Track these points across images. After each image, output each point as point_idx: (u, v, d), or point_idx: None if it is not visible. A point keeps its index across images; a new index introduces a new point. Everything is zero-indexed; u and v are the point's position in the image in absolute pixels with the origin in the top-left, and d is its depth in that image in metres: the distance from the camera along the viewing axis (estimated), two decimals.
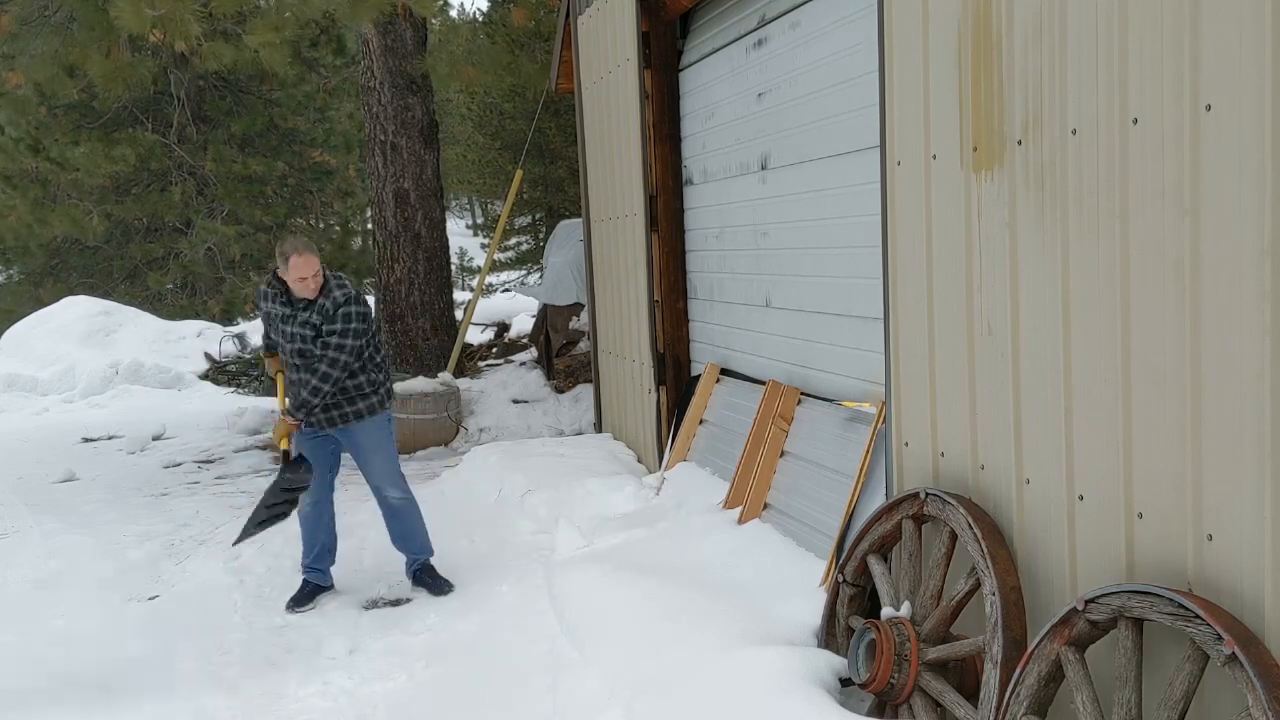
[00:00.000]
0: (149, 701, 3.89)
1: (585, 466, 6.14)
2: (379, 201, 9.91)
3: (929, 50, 3.27)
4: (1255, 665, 2.12)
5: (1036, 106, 2.82)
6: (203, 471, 7.97)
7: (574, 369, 9.26)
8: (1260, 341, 2.21)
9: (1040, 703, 2.64)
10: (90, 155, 13.51)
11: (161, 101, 14.97)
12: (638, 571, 4.38)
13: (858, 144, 4.09)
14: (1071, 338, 2.75)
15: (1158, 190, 2.44)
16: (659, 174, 6.07)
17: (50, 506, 6.93)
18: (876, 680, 3.12)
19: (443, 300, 10.16)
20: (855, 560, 3.56)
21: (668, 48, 6.03)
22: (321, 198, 17.65)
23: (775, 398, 4.87)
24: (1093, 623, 2.53)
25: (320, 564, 4.91)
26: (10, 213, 13.37)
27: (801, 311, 4.74)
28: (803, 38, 4.57)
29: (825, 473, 4.38)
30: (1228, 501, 2.32)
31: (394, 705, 3.82)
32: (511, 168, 13.68)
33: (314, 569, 4.90)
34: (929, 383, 3.40)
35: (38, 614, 4.88)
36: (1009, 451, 3.03)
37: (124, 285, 16.80)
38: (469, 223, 30.37)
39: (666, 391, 6.21)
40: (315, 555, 4.88)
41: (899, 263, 3.53)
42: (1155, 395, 2.49)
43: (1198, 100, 2.31)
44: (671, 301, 6.18)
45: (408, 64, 9.64)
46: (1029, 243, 2.88)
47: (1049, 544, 2.90)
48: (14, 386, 11.81)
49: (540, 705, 3.70)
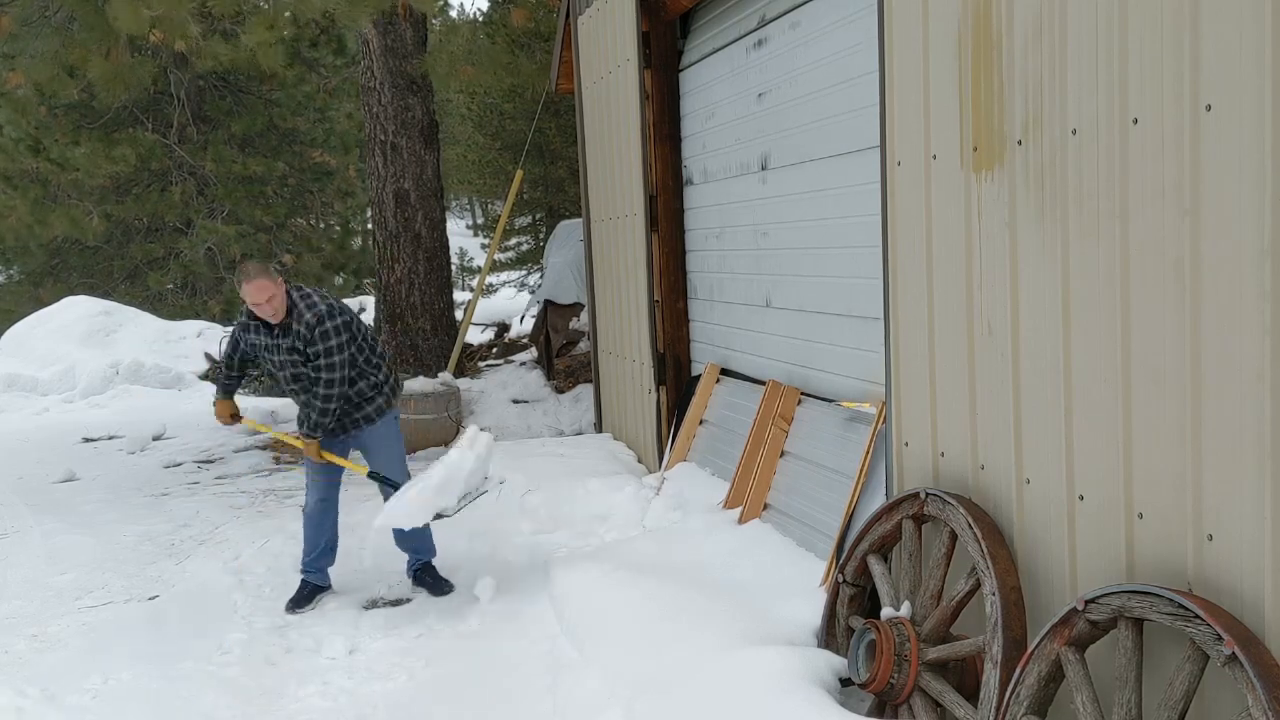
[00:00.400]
0: (149, 701, 3.89)
1: (585, 466, 6.14)
2: (379, 201, 9.91)
3: (929, 50, 3.27)
4: (1255, 665, 2.12)
5: (1037, 106, 2.82)
6: (203, 471, 7.97)
7: (574, 369, 9.26)
8: (1260, 341, 2.21)
9: (1040, 703, 2.64)
10: (90, 155, 13.51)
11: (161, 101, 14.97)
12: (637, 571, 4.38)
13: (858, 144, 4.09)
14: (1071, 338, 2.75)
15: (1158, 190, 2.44)
16: (659, 174, 6.07)
17: (50, 506, 6.93)
18: (876, 680, 3.12)
19: (443, 300, 10.16)
20: (855, 560, 3.56)
21: (668, 48, 6.03)
22: (321, 198, 17.65)
23: (775, 398, 4.87)
24: (1093, 623, 2.53)
25: (320, 564, 4.87)
26: (10, 213, 13.37)
27: (802, 311, 4.74)
28: (803, 38, 4.57)
29: (825, 473, 4.38)
30: (1228, 501, 2.32)
31: (394, 705, 3.82)
32: (511, 168, 13.68)
33: (313, 569, 4.86)
34: (929, 383, 3.40)
35: (38, 614, 4.88)
36: (1009, 451, 3.03)
37: (124, 285, 16.80)
38: (469, 223, 30.37)
39: (666, 391, 6.21)
40: (317, 555, 4.85)
41: (899, 263, 3.53)
42: (1155, 395, 2.49)
43: (1198, 100, 2.31)
44: (671, 301, 6.18)
45: (408, 64, 9.63)
46: (1029, 243, 2.88)
47: (1049, 544, 2.90)
48: (14, 386, 11.81)
49: (540, 704, 3.70)
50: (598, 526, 5.44)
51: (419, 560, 4.94)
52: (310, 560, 4.86)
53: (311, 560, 4.86)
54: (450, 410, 8.46)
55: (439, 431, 8.32)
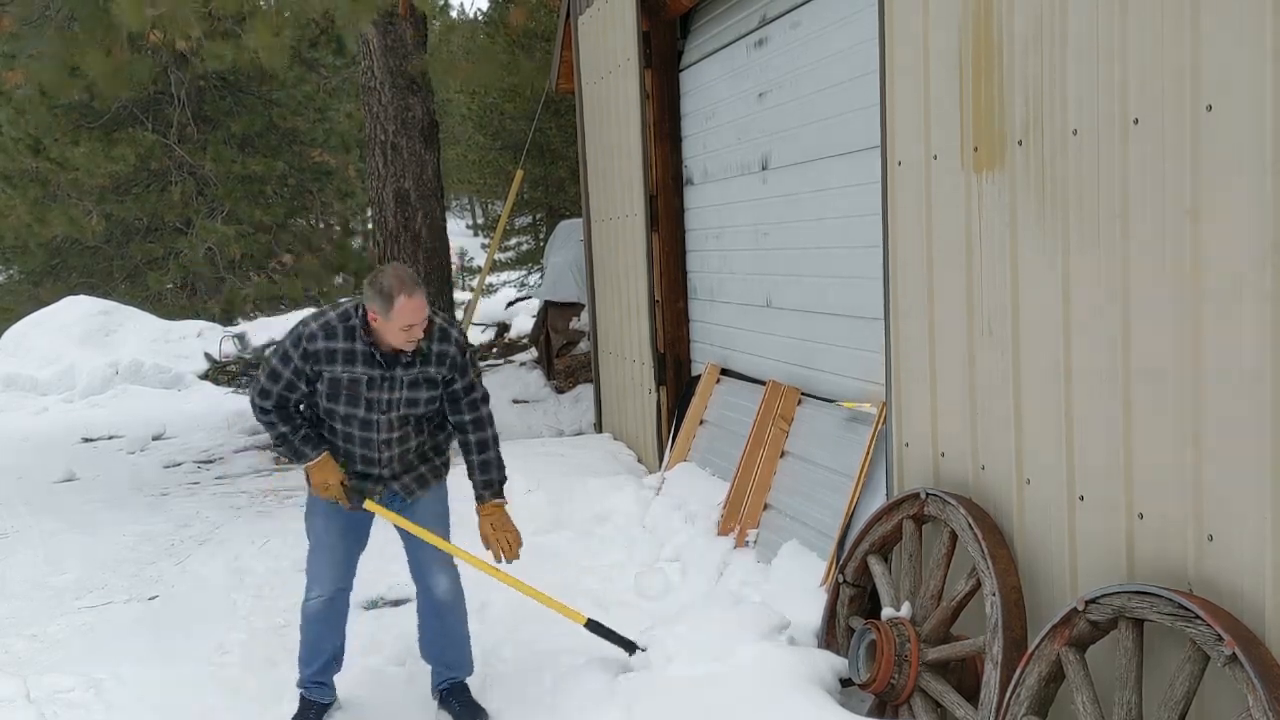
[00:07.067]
0: (149, 701, 3.89)
1: (585, 467, 6.14)
2: (379, 201, 9.90)
3: (929, 50, 3.27)
4: (1256, 666, 2.12)
5: (1037, 107, 2.82)
6: (203, 471, 7.97)
7: (574, 369, 9.25)
8: (1260, 341, 2.21)
9: (1040, 703, 2.64)
10: (90, 155, 13.52)
11: (161, 101, 14.97)
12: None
13: (858, 144, 4.09)
14: (1072, 338, 2.75)
15: (1158, 190, 2.44)
16: (659, 174, 6.07)
17: (50, 506, 6.93)
18: (877, 681, 3.12)
19: (443, 300, 10.15)
20: (856, 560, 3.56)
21: (668, 47, 6.02)
22: (321, 198, 17.63)
23: (776, 398, 4.87)
24: (1093, 623, 2.53)
25: (324, 676, 3.71)
26: (10, 213, 13.39)
27: (802, 311, 4.74)
28: (803, 37, 4.57)
29: (825, 473, 4.38)
30: (1228, 502, 2.32)
31: (394, 705, 3.82)
32: (511, 168, 13.66)
33: (317, 683, 3.70)
34: (929, 383, 3.40)
35: (38, 614, 4.87)
36: (1009, 452, 3.03)
37: (124, 285, 16.79)
38: (469, 223, 30.34)
39: (667, 391, 6.21)
40: (320, 666, 3.68)
41: (899, 263, 3.53)
42: (1155, 395, 2.49)
43: (1198, 100, 2.31)
44: (672, 301, 6.18)
45: (408, 64, 9.63)
46: (1029, 243, 2.88)
47: (1049, 544, 2.90)
48: (14, 386, 11.81)
49: (540, 706, 3.70)
50: (598, 527, 5.44)
51: (450, 679, 3.77)
52: (312, 674, 3.68)
53: (314, 673, 3.68)
54: None
55: None
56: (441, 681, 3.78)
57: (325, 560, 3.61)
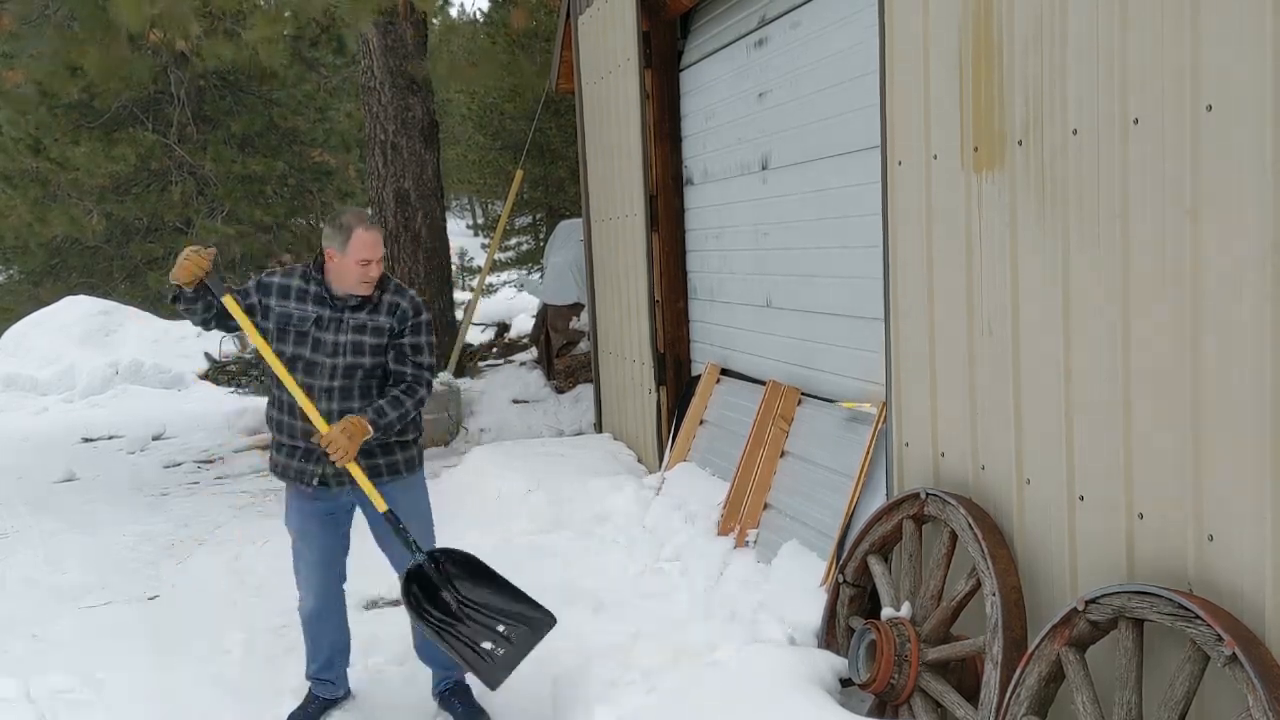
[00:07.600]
0: (149, 701, 3.89)
1: (586, 466, 6.14)
2: (379, 201, 9.90)
3: (929, 50, 3.27)
4: (1256, 666, 2.12)
5: (1037, 107, 2.82)
6: (203, 471, 7.97)
7: (574, 369, 9.25)
8: (1261, 342, 2.21)
9: (1041, 703, 2.64)
10: (90, 155, 13.51)
11: (161, 101, 14.96)
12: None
13: (858, 144, 4.09)
14: (1072, 338, 2.75)
15: (1158, 190, 2.44)
16: (659, 174, 6.07)
17: (50, 506, 6.93)
18: (877, 681, 3.12)
19: (443, 300, 10.16)
20: (856, 560, 3.55)
21: (668, 47, 6.02)
22: (321, 198, 17.61)
23: (775, 398, 4.86)
24: (1093, 623, 2.53)
25: (327, 673, 3.71)
26: (10, 212, 13.38)
27: (802, 311, 4.74)
28: (803, 37, 4.57)
29: (826, 473, 4.38)
30: (1228, 502, 2.32)
31: (394, 705, 3.82)
32: (511, 168, 13.66)
33: (320, 680, 3.71)
34: (929, 383, 3.40)
35: (38, 614, 4.87)
36: (1009, 452, 3.03)
37: (124, 285, 16.79)
38: (469, 223, 30.33)
39: (667, 391, 6.21)
40: (324, 662, 3.70)
41: (899, 263, 3.53)
42: (1155, 395, 2.49)
43: (1198, 100, 2.31)
44: (672, 301, 6.18)
45: (408, 64, 9.63)
46: (1029, 243, 2.88)
47: (1049, 544, 2.90)
48: (14, 386, 11.81)
49: (540, 706, 3.70)
50: (598, 527, 5.44)
51: (449, 680, 3.78)
52: (315, 670, 3.74)
53: (317, 670, 3.73)
54: (450, 410, 8.47)
55: (439, 432, 8.32)
56: (442, 682, 3.78)
57: (304, 564, 3.66)
